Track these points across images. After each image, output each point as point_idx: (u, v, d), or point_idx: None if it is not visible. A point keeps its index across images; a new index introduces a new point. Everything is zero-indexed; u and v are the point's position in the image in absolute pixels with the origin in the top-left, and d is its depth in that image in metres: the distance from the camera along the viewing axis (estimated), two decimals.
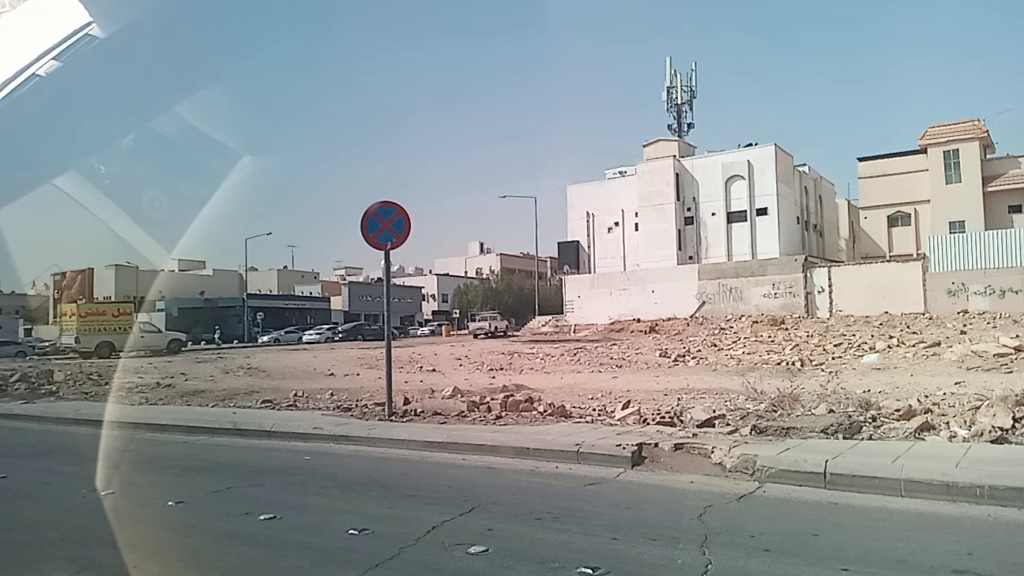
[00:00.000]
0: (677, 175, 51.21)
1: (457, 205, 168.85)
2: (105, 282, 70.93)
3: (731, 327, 40.50)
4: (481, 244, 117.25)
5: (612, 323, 48.63)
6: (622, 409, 9.48)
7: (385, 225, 9.89)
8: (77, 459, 8.35)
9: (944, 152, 45.82)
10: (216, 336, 52.44)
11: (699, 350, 25.32)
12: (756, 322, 40.94)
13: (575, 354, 27.34)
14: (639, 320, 47.34)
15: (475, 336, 49.60)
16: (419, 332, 67.00)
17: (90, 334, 31.79)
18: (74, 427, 11.26)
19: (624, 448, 7.09)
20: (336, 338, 49.66)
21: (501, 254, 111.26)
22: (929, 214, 46.73)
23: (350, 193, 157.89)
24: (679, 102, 63.04)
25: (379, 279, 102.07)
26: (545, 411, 9.34)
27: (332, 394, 15.00)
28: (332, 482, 6.78)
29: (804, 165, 53.84)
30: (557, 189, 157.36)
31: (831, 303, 42.83)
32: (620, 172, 57.50)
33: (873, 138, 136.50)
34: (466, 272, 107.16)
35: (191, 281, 76.31)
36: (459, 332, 58.12)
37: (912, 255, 46.62)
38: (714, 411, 8.93)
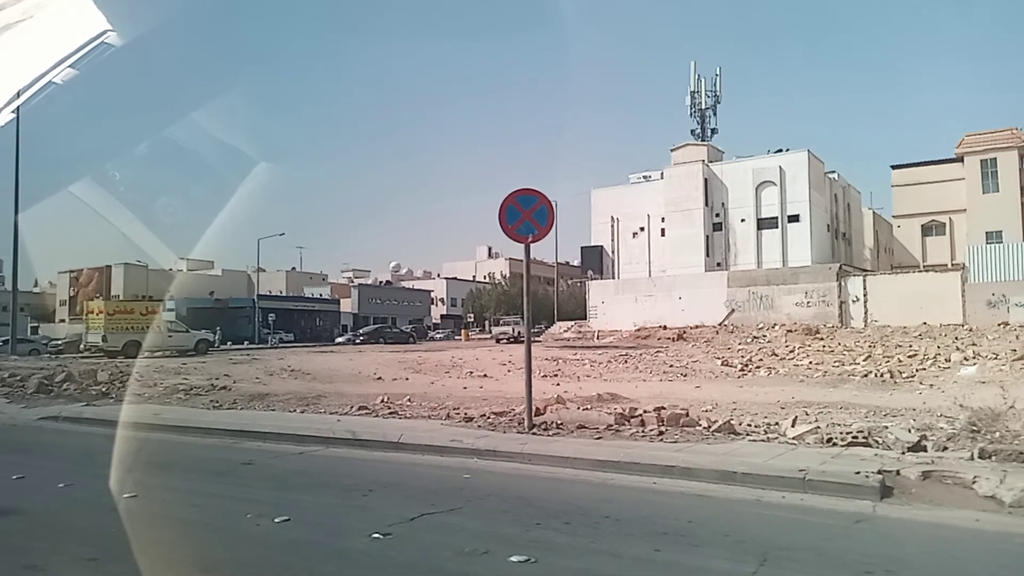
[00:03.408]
0: (706, 180, 50.32)
1: (466, 208, 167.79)
2: (115, 281, 69.74)
3: (764, 336, 39.64)
4: (489, 248, 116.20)
5: (638, 330, 47.61)
6: (792, 426, 8.48)
7: (526, 215, 8.88)
8: (201, 474, 7.36)
9: (981, 161, 45.06)
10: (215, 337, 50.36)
11: (760, 360, 24.34)
12: (790, 331, 40.02)
13: (625, 361, 26.31)
14: (665, 327, 46.34)
15: (497, 340, 48.48)
16: (437, 336, 65.98)
17: (117, 332, 30.64)
18: (160, 434, 10.22)
19: (868, 476, 6.10)
20: (358, 341, 48.55)
21: (510, 258, 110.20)
22: (965, 224, 45.95)
23: (357, 195, 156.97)
24: (703, 107, 62.10)
25: (387, 282, 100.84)
26: (710, 427, 8.34)
27: (410, 400, 13.99)
28: (539, 511, 5.76)
29: (833, 172, 52.99)
30: (574, 194, 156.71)
31: (866, 313, 41.95)
32: (644, 177, 56.65)
33: (894, 146, 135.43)
34: (474, 276, 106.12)
35: (200, 281, 75.10)
36: (481, 336, 56.92)
37: (947, 265, 45.80)
38: (910, 430, 7.94)
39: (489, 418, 9.80)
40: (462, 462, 7.93)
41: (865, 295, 42.23)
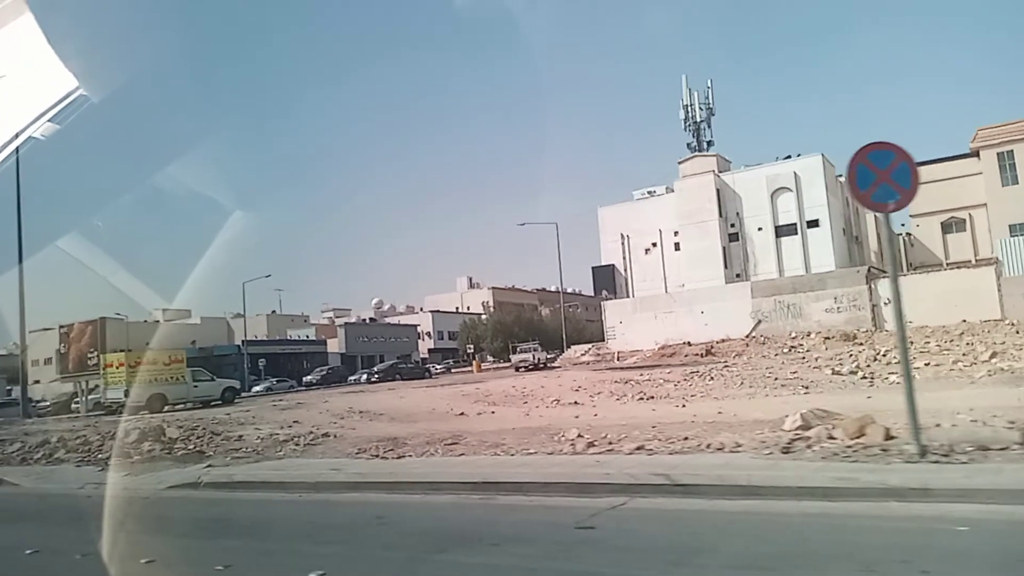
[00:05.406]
0: (718, 191, 49.14)
1: (444, 240, 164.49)
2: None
3: (800, 344, 38.27)
4: (470, 279, 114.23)
5: (661, 348, 45.85)
6: None
7: (882, 176, 6.88)
8: (551, 548, 5.10)
9: (998, 154, 44.55)
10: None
11: (868, 365, 22.64)
12: (827, 338, 38.83)
13: (711, 378, 24.37)
14: (690, 343, 44.75)
15: (517, 369, 46.21)
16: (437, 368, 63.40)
17: (140, 385, 27.76)
18: (377, 494, 7.85)
19: None
20: (374, 379, 45.89)
21: (493, 288, 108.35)
22: (986, 218, 45.32)
23: (331, 232, 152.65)
24: (697, 120, 61.09)
25: (371, 319, 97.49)
26: None
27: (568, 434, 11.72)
28: None
29: (841, 176, 52.24)
30: (571, 215, 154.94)
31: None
32: (649, 192, 55.35)
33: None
34: (457, 308, 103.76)
35: (180, 330, 71.51)
36: (501, 366, 54.52)
37: (971, 261, 45.06)
38: None
39: (804, 442, 7.68)
40: (884, 507, 5.78)
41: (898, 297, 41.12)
